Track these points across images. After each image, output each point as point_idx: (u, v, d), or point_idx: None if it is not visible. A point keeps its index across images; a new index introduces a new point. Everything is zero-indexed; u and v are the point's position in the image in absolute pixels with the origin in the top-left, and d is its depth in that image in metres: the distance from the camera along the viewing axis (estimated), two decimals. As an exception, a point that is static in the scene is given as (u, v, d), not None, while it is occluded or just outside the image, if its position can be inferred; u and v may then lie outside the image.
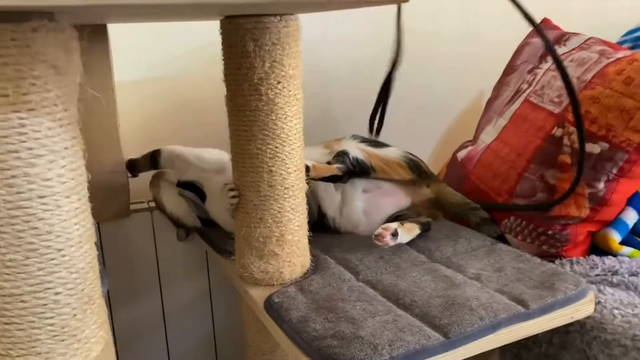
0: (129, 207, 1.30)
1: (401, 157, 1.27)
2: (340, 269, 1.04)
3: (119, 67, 1.32)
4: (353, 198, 1.21)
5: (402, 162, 1.26)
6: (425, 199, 1.25)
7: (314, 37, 1.54)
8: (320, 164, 1.18)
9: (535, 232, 1.16)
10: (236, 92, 0.94)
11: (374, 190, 1.22)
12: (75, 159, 0.64)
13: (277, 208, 0.98)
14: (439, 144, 1.77)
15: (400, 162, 1.26)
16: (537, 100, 1.25)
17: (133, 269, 1.36)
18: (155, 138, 1.43)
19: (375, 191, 1.23)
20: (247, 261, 0.99)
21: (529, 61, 1.38)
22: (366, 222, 1.21)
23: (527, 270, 1.02)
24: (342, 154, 1.21)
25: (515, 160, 1.22)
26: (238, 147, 0.97)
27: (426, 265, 1.06)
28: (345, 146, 1.24)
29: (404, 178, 1.24)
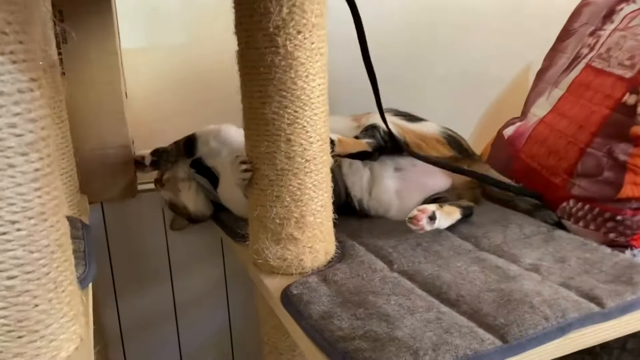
0: (136, 187, 1.18)
1: (439, 132, 1.11)
2: (371, 257, 0.89)
3: (125, 32, 1.19)
4: (383, 176, 1.05)
5: (441, 138, 1.10)
6: (467, 179, 1.09)
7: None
8: (346, 138, 1.03)
9: (601, 217, 0.98)
10: (248, 44, 0.79)
11: (408, 169, 1.07)
12: (36, 108, 0.50)
13: (296, 184, 0.83)
14: (481, 122, 1.60)
15: (438, 137, 1.10)
16: (602, 64, 1.07)
17: (141, 255, 1.23)
18: (165, 110, 1.30)
19: (410, 170, 1.07)
20: (262, 246, 0.85)
21: (589, 23, 1.20)
22: (399, 205, 1.05)
23: (595, 261, 0.85)
24: (371, 128, 1.06)
25: (576, 134, 1.04)
26: (251, 111, 0.83)
27: (472, 254, 0.90)
28: (376, 119, 1.08)
29: (442, 155, 1.07)
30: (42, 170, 0.51)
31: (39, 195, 0.51)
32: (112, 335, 1.22)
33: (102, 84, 1.08)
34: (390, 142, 1.04)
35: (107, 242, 1.19)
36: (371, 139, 1.04)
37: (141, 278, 1.23)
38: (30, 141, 0.50)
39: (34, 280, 0.52)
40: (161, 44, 1.28)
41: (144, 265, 1.23)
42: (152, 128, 1.30)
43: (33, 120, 0.50)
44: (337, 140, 0.99)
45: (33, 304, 0.52)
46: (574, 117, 1.07)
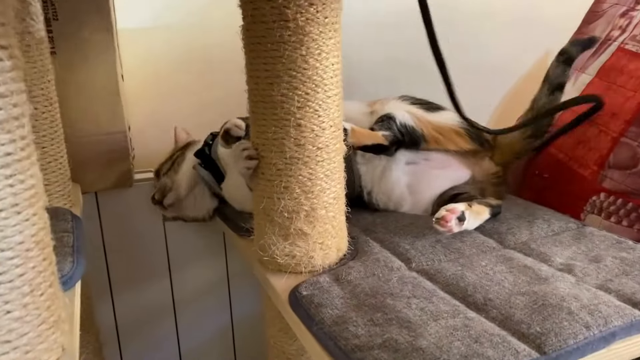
0: (132, 176, 1.10)
1: (459, 122, 1.03)
2: (387, 255, 0.81)
3: (121, 11, 1.11)
4: (393, 169, 0.98)
5: (460, 130, 1.02)
6: (491, 172, 1.01)
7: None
8: (361, 129, 0.95)
9: (635, 212, 0.91)
10: (254, 17, 0.71)
11: (420, 163, 0.99)
12: (6, 81, 0.43)
13: (306, 174, 0.75)
14: (498, 111, 1.52)
15: (457, 129, 1.02)
16: (636, 47, 0.99)
17: (137, 249, 1.16)
18: (164, 94, 1.22)
19: (422, 164, 0.99)
20: (268, 242, 0.77)
21: (620, 3, 1.12)
22: (412, 200, 0.98)
23: (634, 261, 0.77)
24: (387, 119, 0.98)
25: (608, 122, 0.96)
26: (257, 93, 0.75)
27: (497, 251, 0.82)
28: (392, 108, 1.00)
29: (462, 149, 1.00)
30: (14, 154, 0.44)
31: (10, 183, 0.44)
32: (108, 333, 1.15)
33: (96, 64, 1.00)
34: (408, 136, 0.97)
35: (102, 235, 1.12)
36: (388, 132, 0.96)
37: (138, 273, 1.16)
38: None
39: (5, 283, 0.44)
40: (160, 23, 1.21)
41: (140, 260, 1.16)
42: (150, 113, 1.22)
43: (2, 95, 0.42)
44: (351, 129, 0.91)
45: (4, 311, 0.45)
46: (606, 104, 0.99)
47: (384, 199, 0.99)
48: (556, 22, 1.38)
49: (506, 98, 1.53)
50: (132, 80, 1.17)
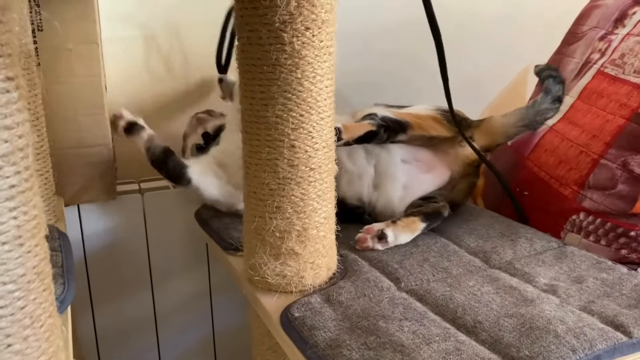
0: (116, 188, 1.09)
1: (434, 110, 1.04)
2: (376, 274, 0.82)
3: (106, 19, 1.09)
4: (389, 169, 0.99)
5: (437, 116, 1.03)
6: (465, 163, 1.03)
7: None
8: (350, 124, 0.97)
9: (614, 232, 0.94)
10: (251, 39, 0.71)
11: (412, 162, 1.01)
12: (13, 113, 0.42)
13: (299, 194, 0.76)
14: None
15: (434, 115, 1.03)
16: (615, 71, 1.03)
17: (120, 261, 1.14)
18: (148, 104, 1.21)
19: (414, 164, 1.01)
20: (259, 261, 0.78)
21: (599, 27, 1.15)
22: (406, 199, 1.00)
23: (614, 282, 0.80)
24: (368, 116, 1.00)
25: (588, 143, 0.99)
26: (251, 114, 0.75)
27: (484, 271, 0.84)
28: (370, 111, 1.02)
29: (442, 135, 1.01)
30: (18, 186, 0.43)
31: (14, 216, 0.43)
32: (88, 347, 1.14)
33: (81, 76, 0.99)
34: (392, 123, 0.98)
35: (84, 247, 1.10)
36: (371, 120, 0.98)
37: (120, 286, 1.14)
38: (5, 153, 0.41)
39: (7, 317, 0.44)
40: (144, 34, 1.19)
41: (122, 272, 1.14)
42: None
43: (8, 127, 0.42)
44: (343, 127, 0.92)
45: (5, 344, 0.44)
46: (587, 126, 1.02)
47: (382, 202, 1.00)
48: (536, 37, 1.42)
49: (486, 112, 1.56)
50: (116, 91, 1.15)
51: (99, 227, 1.11)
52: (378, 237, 0.89)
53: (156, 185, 1.16)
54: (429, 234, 0.96)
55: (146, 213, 1.14)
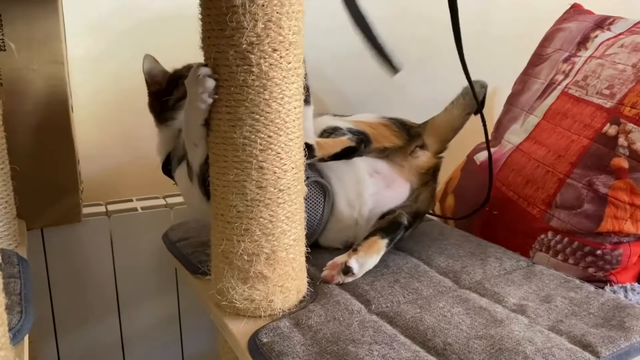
0: (80, 211, 1.06)
1: (382, 118, 1.02)
2: (347, 296, 0.81)
3: (72, 38, 1.08)
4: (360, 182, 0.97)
5: (387, 123, 1.02)
6: (421, 173, 1.01)
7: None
8: (324, 140, 0.93)
9: (581, 251, 0.95)
10: (218, 61, 0.71)
11: (375, 176, 0.98)
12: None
13: (267, 216, 0.75)
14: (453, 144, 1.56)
15: (384, 122, 1.01)
16: (579, 92, 1.05)
17: (85, 286, 1.11)
18: (117, 125, 1.19)
19: (377, 177, 0.98)
20: (227, 285, 0.76)
21: (563, 49, 1.18)
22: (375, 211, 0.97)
23: (581, 301, 0.81)
24: (333, 130, 0.96)
25: (554, 163, 1.01)
26: (218, 135, 0.74)
27: (454, 292, 0.84)
28: (327, 123, 0.98)
29: (394, 144, 0.99)
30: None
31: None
32: (50, 376, 1.10)
33: (45, 96, 0.97)
34: (362, 136, 0.95)
35: (47, 273, 1.07)
36: (350, 134, 0.95)
37: (85, 311, 1.11)
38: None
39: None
40: (111, 53, 1.18)
41: (88, 297, 1.11)
42: (100, 144, 1.19)
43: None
44: (316, 143, 0.89)
45: (-49, 380, 0.42)
46: (552, 146, 1.03)
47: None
48: (503, 59, 1.44)
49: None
50: (82, 111, 1.13)
51: (63, 251, 1.08)
52: (344, 271, 0.85)
53: (123, 207, 1.14)
54: (399, 254, 0.96)
55: (113, 236, 1.11)
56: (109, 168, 1.18)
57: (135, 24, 1.19)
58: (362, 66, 1.41)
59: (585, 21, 1.18)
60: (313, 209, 0.93)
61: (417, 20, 1.46)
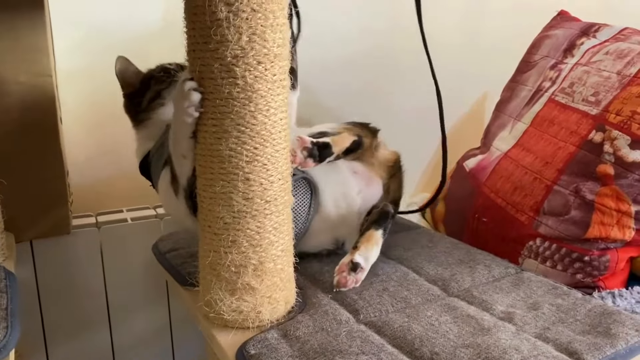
0: (70, 222, 1.06)
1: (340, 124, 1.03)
2: (335, 306, 0.81)
3: (61, 50, 1.08)
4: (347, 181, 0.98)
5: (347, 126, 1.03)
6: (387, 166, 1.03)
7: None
8: (335, 137, 0.94)
9: (569, 257, 0.96)
10: (203, 74, 0.71)
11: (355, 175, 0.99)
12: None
13: (254, 227, 0.75)
14: (438, 152, 1.57)
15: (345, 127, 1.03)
16: (565, 99, 1.06)
17: (75, 298, 1.11)
18: (108, 136, 1.19)
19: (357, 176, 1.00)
20: (215, 297, 0.76)
21: (550, 56, 1.19)
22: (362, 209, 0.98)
23: (568, 307, 0.81)
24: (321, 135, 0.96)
25: (542, 170, 1.02)
26: (205, 147, 0.74)
27: (442, 300, 0.84)
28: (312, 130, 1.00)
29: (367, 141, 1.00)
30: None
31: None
32: (41, 390, 1.09)
33: (33, 109, 0.97)
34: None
35: (37, 285, 1.07)
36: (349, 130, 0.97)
37: (75, 324, 1.11)
38: None
39: None
40: (100, 64, 1.18)
41: (78, 309, 1.11)
42: (90, 155, 1.19)
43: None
44: (332, 140, 0.91)
45: None
46: (540, 153, 1.04)
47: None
48: (492, 65, 1.45)
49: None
50: (71, 122, 1.13)
51: (53, 262, 1.08)
52: (352, 269, 0.86)
53: (114, 218, 1.14)
54: (388, 262, 0.96)
55: (103, 247, 1.11)
56: (99, 179, 1.18)
57: (126, 37, 1.19)
58: (349, 78, 1.42)
59: (571, 28, 1.20)
60: (300, 205, 0.93)
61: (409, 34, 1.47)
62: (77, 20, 1.15)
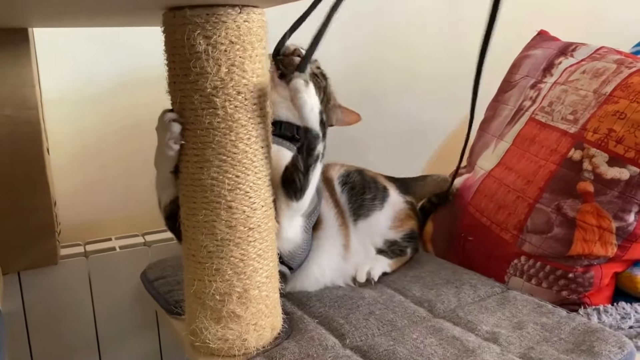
0: (57, 253, 1.06)
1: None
2: (321, 331, 0.82)
3: (47, 80, 1.09)
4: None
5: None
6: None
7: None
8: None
9: (553, 275, 0.96)
10: (184, 105, 0.72)
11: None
12: None
13: (238, 255, 0.75)
14: (425, 172, 1.58)
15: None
16: (545, 118, 1.07)
17: (64, 329, 1.11)
18: (93, 167, 1.20)
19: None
20: (200, 326, 0.76)
21: (530, 75, 1.21)
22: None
23: (553, 326, 0.82)
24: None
25: (524, 189, 1.03)
26: (187, 177, 0.75)
27: (428, 322, 0.85)
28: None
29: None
30: None
31: None
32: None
33: (19, 141, 0.98)
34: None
35: (25, 316, 1.06)
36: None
37: (64, 355, 1.10)
38: None
39: None
40: (87, 94, 1.19)
41: (68, 340, 1.11)
42: (78, 184, 1.20)
43: None
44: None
45: None
46: (522, 172, 1.05)
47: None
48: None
49: (432, 157, 1.61)
50: (59, 152, 1.14)
51: (41, 293, 1.07)
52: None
53: (102, 247, 1.14)
54: (375, 285, 0.97)
55: (91, 276, 1.11)
56: (88, 208, 1.19)
57: (115, 67, 1.20)
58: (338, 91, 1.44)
59: (550, 48, 1.22)
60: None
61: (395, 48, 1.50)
62: (69, 50, 1.16)
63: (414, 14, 1.52)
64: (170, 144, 0.73)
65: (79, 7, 0.74)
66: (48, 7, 0.74)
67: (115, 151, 1.23)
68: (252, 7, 0.72)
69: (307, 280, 0.94)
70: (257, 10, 0.72)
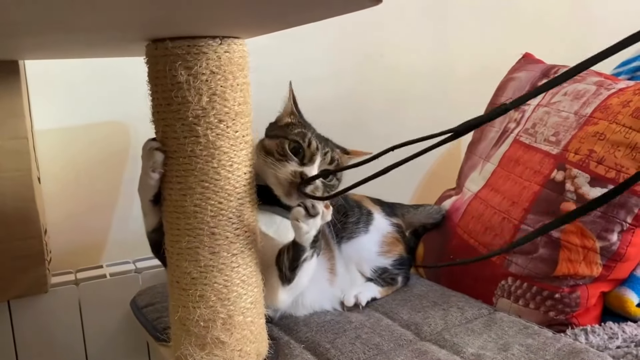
0: (47, 281, 1.06)
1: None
2: (307, 356, 0.82)
3: (38, 111, 1.11)
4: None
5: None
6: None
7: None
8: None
9: (540, 295, 0.97)
10: (166, 134, 0.74)
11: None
12: None
13: (222, 281, 0.76)
14: (416, 194, 1.59)
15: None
16: (529, 140, 1.09)
17: (54, 356, 1.10)
18: (85, 194, 1.21)
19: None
20: (185, 352, 0.76)
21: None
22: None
23: (538, 347, 0.82)
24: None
25: (509, 210, 1.04)
26: (170, 204, 0.76)
27: (414, 345, 0.85)
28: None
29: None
30: None
31: None
32: None
33: (9, 171, 0.99)
34: None
35: (15, 345, 1.06)
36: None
37: (54, 383, 1.10)
38: None
39: None
40: (77, 123, 1.21)
41: (57, 368, 1.10)
42: (69, 213, 1.21)
43: None
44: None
45: None
46: (507, 193, 1.06)
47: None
48: (465, 106, 1.49)
49: (423, 179, 1.62)
50: (51, 179, 1.15)
51: (31, 322, 1.08)
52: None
53: (92, 274, 1.15)
54: (363, 309, 0.97)
55: (82, 304, 1.12)
56: (79, 235, 1.20)
57: (106, 95, 1.22)
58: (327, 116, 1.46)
59: (533, 70, 1.24)
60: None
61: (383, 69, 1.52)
62: (60, 78, 1.18)
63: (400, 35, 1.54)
64: (149, 173, 0.74)
65: (68, 41, 0.76)
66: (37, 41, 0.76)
67: (106, 178, 1.24)
68: (233, 38, 0.74)
69: (294, 306, 0.94)
70: (237, 40, 0.74)
